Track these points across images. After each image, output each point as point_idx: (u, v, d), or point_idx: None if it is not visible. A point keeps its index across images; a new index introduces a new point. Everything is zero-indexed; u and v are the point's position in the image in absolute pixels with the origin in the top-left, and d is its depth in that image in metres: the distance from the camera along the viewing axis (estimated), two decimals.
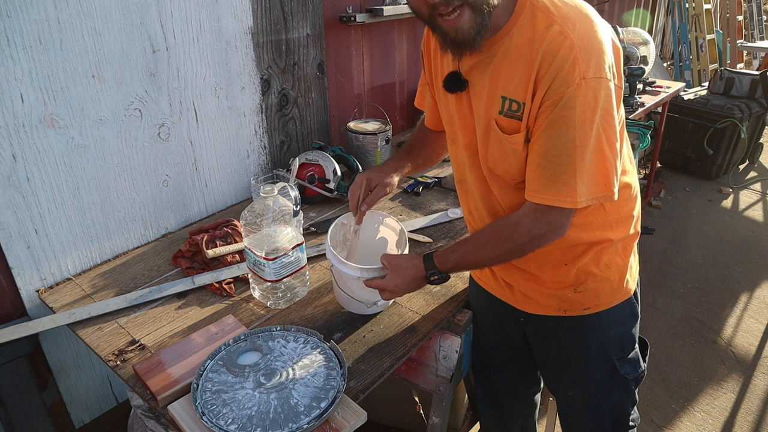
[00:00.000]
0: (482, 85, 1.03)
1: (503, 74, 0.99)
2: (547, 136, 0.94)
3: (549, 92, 0.92)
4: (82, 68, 1.39)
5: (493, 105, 1.01)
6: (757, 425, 2.11)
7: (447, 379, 1.38)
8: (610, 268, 1.15)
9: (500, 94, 1.00)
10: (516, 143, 1.00)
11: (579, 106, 0.90)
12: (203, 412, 0.97)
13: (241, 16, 1.72)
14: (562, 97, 0.91)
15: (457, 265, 1.12)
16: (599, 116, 0.92)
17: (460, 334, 1.34)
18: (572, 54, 0.89)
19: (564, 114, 0.91)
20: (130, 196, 1.59)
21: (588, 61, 0.89)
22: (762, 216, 3.78)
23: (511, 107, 0.99)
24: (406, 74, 2.56)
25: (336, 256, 1.21)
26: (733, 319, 2.72)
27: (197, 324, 1.28)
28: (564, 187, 0.95)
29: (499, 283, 1.26)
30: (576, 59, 0.89)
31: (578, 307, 1.17)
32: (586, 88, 0.89)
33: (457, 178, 1.25)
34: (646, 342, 1.31)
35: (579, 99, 0.90)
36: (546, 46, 0.91)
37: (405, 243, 1.28)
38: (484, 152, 1.08)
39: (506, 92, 0.99)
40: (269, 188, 1.25)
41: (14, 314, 1.43)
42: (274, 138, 1.98)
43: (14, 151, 1.32)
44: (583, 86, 0.89)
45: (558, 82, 0.90)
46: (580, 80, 0.89)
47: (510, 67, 0.98)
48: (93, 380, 1.62)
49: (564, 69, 0.89)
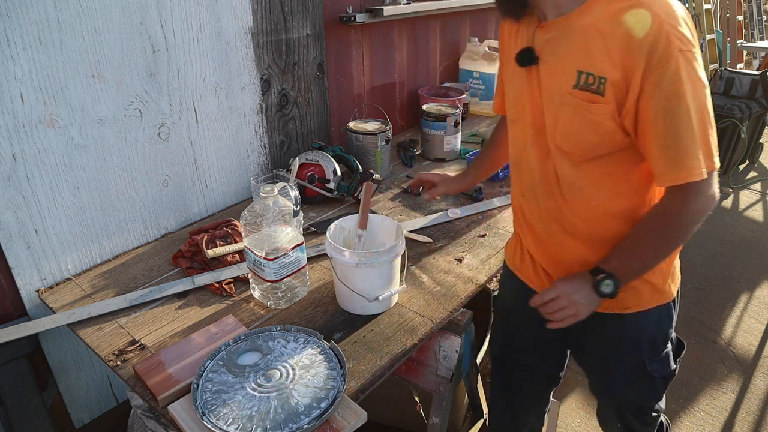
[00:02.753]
0: (555, 60, 1.05)
1: (580, 49, 1.01)
2: (663, 114, 0.95)
3: (648, 69, 0.93)
4: (82, 68, 1.39)
5: (568, 79, 1.03)
6: (757, 425, 2.11)
7: (447, 379, 1.38)
8: (654, 272, 1.15)
9: (576, 68, 1.01)
10: (597, 113, 1.00)
11: (684, 78, 0.92)
12: (203, 412, 0.97)
13: (241, 16, 1.72)
14: (665, 73, 0.92)
15: (622, 265, 1.07)
16: (699, 86, 0.94)
17: (460, 334, 1.34)
18: (663, 30, 0.91)
19: (674, 88, 0.92)
20: (130, 196, 1.59)
21: (679, 35, 0.92)
22: (762, 216, 3.78)
23: (587, 80, 1.00)
24: (406, 74, 2.57)
25: (336, 246, 1.23)
26: (733, 319, 2.72)
27: (197, 324, 1.28)
28: (694, 160, 0.95)
29: (539, 276, 1.27)
30: (669, 34, 0.91)
31: (618, 306, 1.18)
32: (684, 60, 0.92)
33: (514, 160, 1.25)
34: (682, 342, 1.32)
35: (683, 70, 0.92)
36: (632, 24, 0.93)
37: (402, 244, 1.28)
38: (553, 128, 1.08)
39: (582, 66, 1.00)
40: (269, 188, 1.25)
41: (14, 314, 1.43)
42: (274, 138, 1.98)
43: (14, 151, 1.32)
44: (681, 59, 0.91)
45: (656, 58, 0.92)
46: (677, 53, 0.91)
47: (588, 43, 0.99)
48: (93, 380, 1.62)
49: (659, 46, 0.91)
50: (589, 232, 1.13)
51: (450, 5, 2.52)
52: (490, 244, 1.60)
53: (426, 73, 2.70)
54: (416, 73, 2.63)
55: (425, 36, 2.60)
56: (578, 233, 1.15)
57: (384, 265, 1.24)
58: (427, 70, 2.70)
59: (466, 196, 1.90)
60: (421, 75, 2.67)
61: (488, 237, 1.64)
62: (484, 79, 2.73)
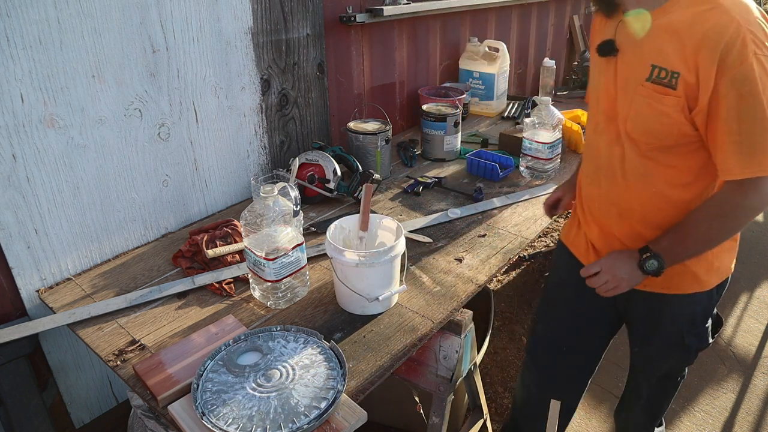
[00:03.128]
0: (633, 53, 1.14)
1: (656, 46, 1.09)
2: (737, 113, 1.01)
3: (722, 69, 1.00)
4: (82, 68, 1.39)
5: (642, 71, 1.11)
6: (757, 425, 2.11)
7: (447, 379, 1.39)
8: (699, 261, 1.24)
9: (650, 63, 1.09)
10: (667, 105, 1.08)
11: (759, 79, 0.99)
12: (203, 412, 0.97)
13: (241, 16, 1.72)
14: (740, 73, 0.99)
15: (671, 247, 1.16)
16: None
17: (460, 334, 1.35)
18: (741, 33, 0.98)
19: (748, 89, 0.99)
20: (130, 196, 1.59)
21: (755, 38, 0.99)
22: (762, 216, 3.78)
23: (659, 74, 1.08)
24: (406, 74, 2.56)
25: (336, 246, 1.23)
26: (733, 319, 2.72)
27: (197, 324, 1.28)
28: (764, 156, 1.02)
29: (589, 252, 1.37)
30: (745, 37, 0.98)
31: (660, 286, 1.27)
32: (757, 63, 0.98)
33: (586, 143, 1.38)
34: (720, 319, 1.43)
35: (756, 72, 0.98)
36: (711, 26, 1.00)
37: (402, 244, 1.28)
38: (625, 116, 1.17)
39: (657, 61, 1.08)
40: (269, 188, 1.25)
41: (14, 314, 1.43)
42: (274, 138, 1.98)
43: (14, 151, 1.32)
44: (755, 62, 0.98)
45: (732, 59, 0.98)
46: (752, 56, 0.98)
47: (665, 40, 1.07)
48: (93, 380, 1.62)
49: (735, 47, 0.98)
50: (644, 216, 1.23)
51: (450, 5, 2.52)
52: (490, 244, 1.60)
53: (426, 73, 2.70)
54: (416, 73, 2.63)
55: (425, 36, 2.60)
56: (633, 217, 1.24)
57: (384, 265, 1.24)
58: (427, 70, 2.70)
59: (466, 196, 1.90)
60: (421, 75, 2.67)
61: (488, 237, 1.64)
62: (484, 79, 2.73)
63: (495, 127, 2.62)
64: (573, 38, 3.87)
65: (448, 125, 2.16)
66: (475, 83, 2.77)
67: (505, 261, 1.51)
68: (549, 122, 1.94)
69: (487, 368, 2.41)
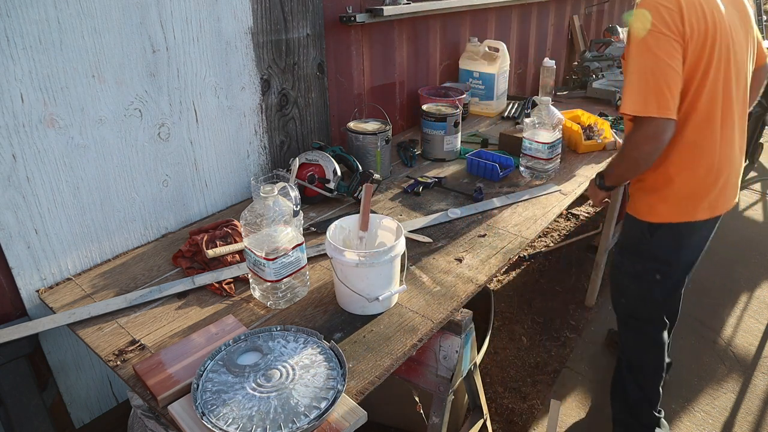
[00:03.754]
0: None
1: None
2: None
3: None
4: (82, 68, 1.39)
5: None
6: (757, 425, 2.12)
7: (447, 379, 1.39)
8: (642, 198, 1.72)
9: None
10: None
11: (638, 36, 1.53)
12: (203, 412, 0.97)
13: (241, 16, 1.72)
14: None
15: (607, 169, 1.71)
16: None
17: (460, 334, 1.35)
18: None
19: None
20: (130, 196, 1.59)
21: None
22: (762, 216, 3.78)
23: None
24: (406, 74, 2.57)
25: (336, 246, 1.23)
26: (733, 319, 2.72)
27: (197, 324, 1.28)
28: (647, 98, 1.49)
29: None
30: None
31: (629, 209, 1.81)
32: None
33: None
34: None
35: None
36: None
37: (402, 244, 1.28)
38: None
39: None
40: (269, 188, 1.25)
41: (14, 314, 1.43)
42: (274, 138, 1.98)
43: (14, 151, 1.32)
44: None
45: None
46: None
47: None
48: (93, 380, 1.62)
49: None
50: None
51: (450, 5, 2.52)
52: (490, 244, 1.60)
53: (426, 73, 2.70)
54: (416, 73, 2.63)
55: (425, 36, 2.60)
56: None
57: (384, 265, 1.24)
58: (427, 70, 2.70)
59: (466, 196, 1.90)
60: (421, 75, 2.67)
61: (488, 237, 1.64)
62: (484, 79, 2.73)
63: (495, 127, 2.62)
64: (573, 38, 3.87)
65: (448, 125, 2.16)
66: (475, 83, 2.77)
67: (505, 261, 1.51)
68: (549, 122, 1.94)
69: (487, 368, 2.41)
